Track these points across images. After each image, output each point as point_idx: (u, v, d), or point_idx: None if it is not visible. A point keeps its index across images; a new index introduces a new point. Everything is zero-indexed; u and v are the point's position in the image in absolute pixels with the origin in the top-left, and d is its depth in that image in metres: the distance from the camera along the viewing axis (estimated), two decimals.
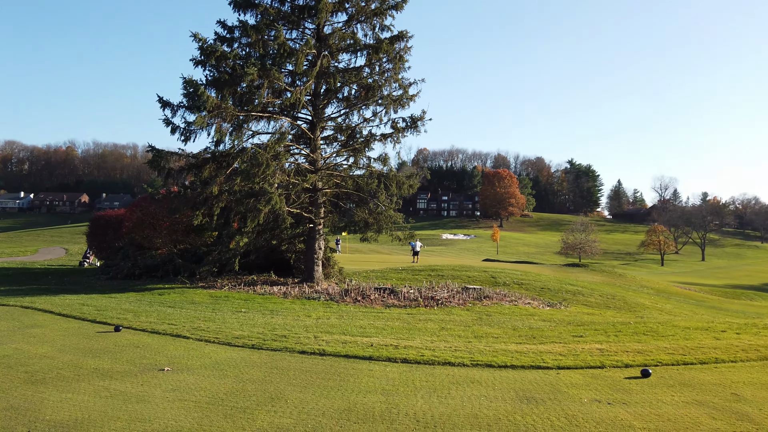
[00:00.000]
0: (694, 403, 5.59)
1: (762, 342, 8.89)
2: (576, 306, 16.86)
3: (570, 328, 10.18)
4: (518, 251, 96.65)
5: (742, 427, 4.87)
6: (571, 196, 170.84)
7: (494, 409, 5.22)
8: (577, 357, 7.44)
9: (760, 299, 45.99)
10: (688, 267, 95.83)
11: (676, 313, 19.64)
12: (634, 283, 35.22)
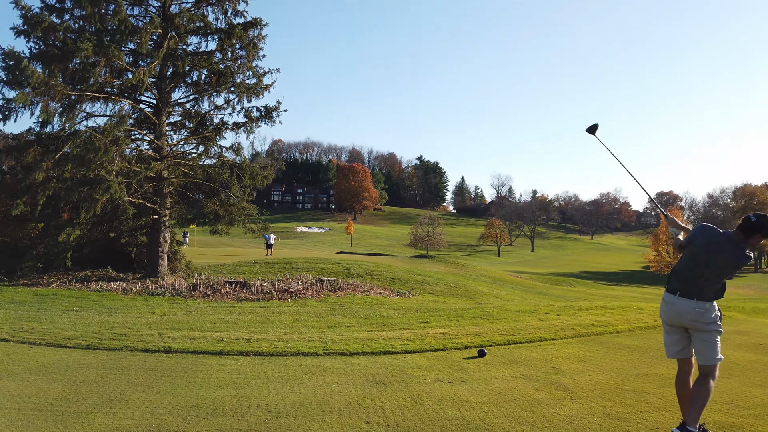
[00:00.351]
0: (521, 377, 6.27)
1: (577, 321, 10.20)
2: (423, 294, 17.89)
3: (417, 315, 10.80)
4: (371, 244, 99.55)
5: (558, 395, 5.56)
6: (420, 191, 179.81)
7: (345, 394, 5.39)
8: (423, 341, 7.93)
9: (577, 285, 52.31)
10: (520, 257, 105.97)
11: (509, 298, 21.69)
12: (474, 272, 38.16)
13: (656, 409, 5.16)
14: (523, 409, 5.06)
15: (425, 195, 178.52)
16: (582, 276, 71.78)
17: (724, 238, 4.27)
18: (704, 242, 4.33)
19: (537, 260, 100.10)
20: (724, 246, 4.25)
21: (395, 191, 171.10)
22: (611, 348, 8.07)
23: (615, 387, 5.91)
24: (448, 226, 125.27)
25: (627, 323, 10.09)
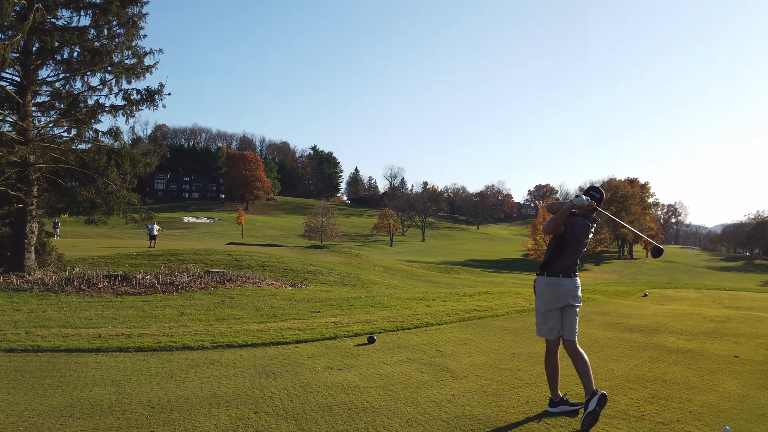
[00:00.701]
0: (407, 360, 6.54)
1: (461, 307, 10.77)
2: (316, 285, 17.90)
3: (309, 305, 10.82)
4: (264, 234, 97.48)
5: (442, 376, 5.88)
6: (314, 181, 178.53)
7: (233, 386, 5.32)
8: (314, 331, 7.99)
9: (465, 273, 54.80)
10: (412, 247, 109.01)
11: (400, 287, 22.30)
12: (367, 262, 38.71)
13: (528, 384, 5.63)
14: (409, 390, 5.30)
15: (319, 185, 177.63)
16: (469, 264, 75.44)
17: (588, 220, 4.87)
18: (578, 227, 4.81)
19: (428, 249, 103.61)
20: (588, 226, 4.87)
21: (289, 181, 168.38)
22: (491, 330, 8.64)
23: (492, 366, 6.36)
24: (342, 216, 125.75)
25: (505, 307, 10.82)
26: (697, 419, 4.62)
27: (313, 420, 4.43)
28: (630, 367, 6.45)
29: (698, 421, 4.58)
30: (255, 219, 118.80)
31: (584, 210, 4.88)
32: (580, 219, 4.85)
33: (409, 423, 4.40)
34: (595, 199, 4.91)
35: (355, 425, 4.33)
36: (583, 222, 4.84)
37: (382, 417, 4.53)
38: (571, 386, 5.47)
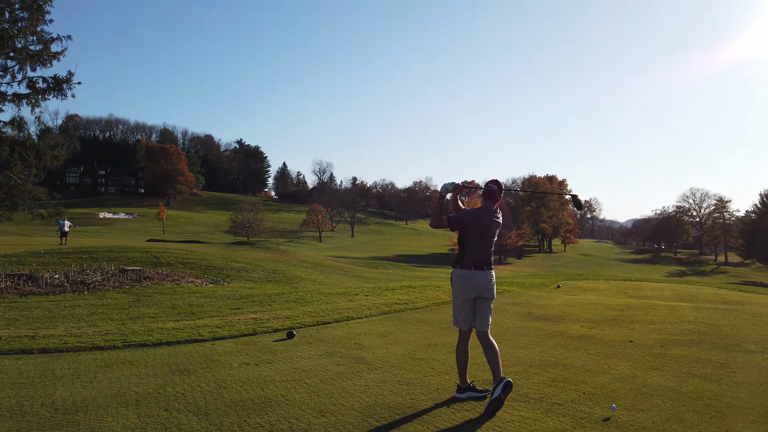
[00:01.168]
0: (325, 354, 6.64)
1: (383, 301, 10.98)
2: (240, 282, 17.61)
3: (229, 302, 10.68)
4: (187, 230, 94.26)
5: (358, 368, 6.02)
6: (240, 176, 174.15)
7: (144, 385, 5.22)
8: (233, 327, 7.92)
9: (393, 268, 55.49)
10: (341, 243, 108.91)
11: (326, 282, 22.33)
12: (294, 258, 38.42)
13: (439, 373, 5.88)
14: (324, 383, 5.40)
15: (246, 180, 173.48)
16: (397, 259, 76.52)
17: (491, 212, 5.05)
18: (484, 222, 5.00)
19: (357, 245, 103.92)
20: (493, 218, 5.03)
21: (213, 175, 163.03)
22: (409, 323, 8.89)
23: (408, 357, 6.58)
24: (270, 212, 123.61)
25: (426, 300, 11.15)
26: (590, 399, 5.01)
27: (225, 415, 4.44)
28: (535, 353, 6.87)
29: (590, 400, 4.97)
30: (177, 215, 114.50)
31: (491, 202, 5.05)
32: (483, 213, 5.03)
33: (321, 413, 4.51)
34: (493, 191, 5.06)
35: (268, 418, 4.38)
36: (487, 216, 5.02)
37: (295, 409, 4.61)
38: (480, 373, 5.76)
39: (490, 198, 5.09)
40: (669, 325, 8.98)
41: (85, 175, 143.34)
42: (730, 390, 5.38)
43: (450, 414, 4.57)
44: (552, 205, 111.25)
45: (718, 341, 7.80)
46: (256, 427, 4.19)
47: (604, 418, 4.51)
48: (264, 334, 7.70)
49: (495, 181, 5.14)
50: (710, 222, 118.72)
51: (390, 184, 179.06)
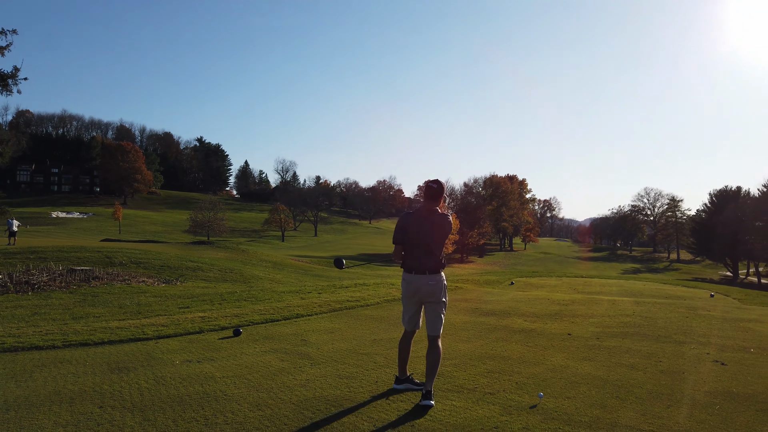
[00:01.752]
0: (270, 351, 6.70)
1: (335, 298, 11.07)
2: (194, 281, 17.42)
3: (179, 301, 10.59)
4: (144, 230, 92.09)
5: (301, 363, 6.11)
6: (201, 175, 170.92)
7: (81, 383, 5.18)
8: (179, 326, 7.89)
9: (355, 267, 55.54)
10: (304, 242, 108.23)
11: (284, 281, 22.26)
12: (254, 257, 38.08)
13: (380, 366, 6.02)
14: (265, 378, 5.47)
15: (206, 179, 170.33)
16: (360, 258, 76.49)
17: (426, 213, 4.87)
18: (415, 226, 4.86)
19: (320, 244, 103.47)
20: (428, 219, 4.85)
21: (173, 174, 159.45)
22: (358, 319, 9.01)
23: (352, 352, 6.69)
24: (231, 211, 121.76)
25: (377, 297, 11.29)
26: (520, 388, 5.23)
27: (161, 410, 4.47)
28: (477, 346, 7.09)
29: (521, 390, 5.19)
30: (135, 214, 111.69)
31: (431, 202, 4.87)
32: (411, 216, 4.93)
33: (258, 407, 4.58)
34: (432, 189, 4.87)
35: (204, 413, 4.43)
36: (415, 218, 4.89)
37: (232, 403, 4.66)
38: (421, 367, 5.91)
39: (429, 198, 4.92)
40: (608, 319, 9.36)
41: (36, 173, 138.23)
42: (653, 378, 5.68)
43: (385, 405, 4.71)
44: (512, 204, 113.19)
45: (651, 333, 8.19)
46: (190, 421, 4.24)
47: (531, 405, 4.72)
48: (210, 332, 7.70)
49: (435, 180, 4.92)
50: (663, 221, 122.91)
51: (354, 183, 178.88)
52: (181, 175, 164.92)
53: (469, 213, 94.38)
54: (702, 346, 7.30)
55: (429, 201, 4.91)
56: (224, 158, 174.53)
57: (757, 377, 5.75)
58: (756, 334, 8.34)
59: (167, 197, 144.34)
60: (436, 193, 4.89)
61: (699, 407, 4.73)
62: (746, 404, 4.83)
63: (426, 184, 4.96)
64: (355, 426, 4.17)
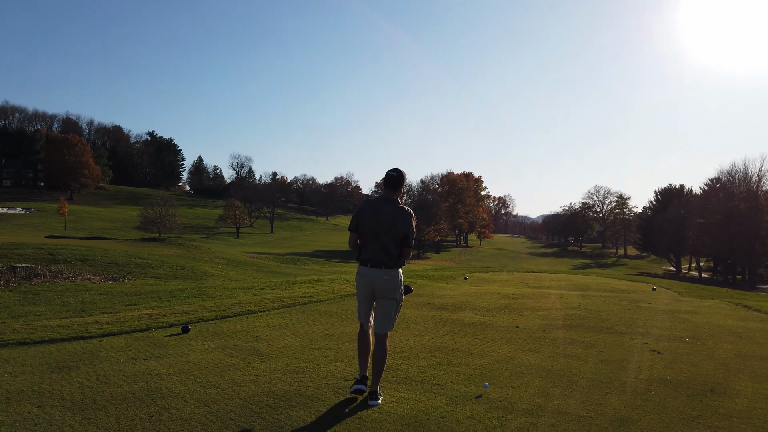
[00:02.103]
0: (220, 347, 6.61)
1: (288, 294, 11.01)
2: (143, 278, 16.97)
3: (126, 299, 10.32)
4: (92, 227, 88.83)
5: (250, 359, 6.06)
6: (152, 170, 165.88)
7: (18, 383, 4.99)
8: (124, 323, 7.69)
9: (311, 263, 55.26)
10: (260, 238, 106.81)
11: (237, 278, 21.93)
12: (207, 254, 37.38)
13: (331, 361, 6.04)
14: (213, 374, 5.40)
15: (158, 174, 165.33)
16: (317, 255, 76.06)
17: (382, 202, 4.63)
18: (369, 214, 4.61)
19: (276, 241, 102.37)
20: (384, 208, 4.59)
21: (122, 169, 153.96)
22: (311, 315, 9.00)
23: (303, 347, 6.68)
24: (184, 207, 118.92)
25: (331, 293, 11.29)
26: (467, 379, 5.35)
27: (102, 409, 4.35)
28: (427, 339, 7.20)
29: (468, 380, 5.31)
30: (82, 210, 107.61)
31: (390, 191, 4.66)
32: (366, 205, 4.71)
33: (204, 403, 4.52)
34: (391, 178, 4.64)
35: (148, 410, 4.35)
36: (369, 207, 4.66)
37: (178, 400, 4.59)
38: None
39: (388, 187, 4.69)
40: (554, 312, 9.67)
41: None
42: (594, 367, 5.92)
43: (334, 398, 4.73)
44: (468, 201, 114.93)
45: (595, 325, 8.51)
46: (134, 419, 4.15)
47: (477, 395, 4.84)
48: (158, 330, 7.54)
49: (395, 168, 4.66)
50: (612, 218, 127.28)
51: (311, 180, 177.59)
52: (132, 169, 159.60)
53: (426, 210, 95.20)
54: (641, 337, 7.64)
55: (388, 190, 4.69)
56: (177, 153, 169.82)
57: (690, 365, 6.07)
58: (691, 325, 8.78)
59: (116, 192, 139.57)
60: (395, 181, 4.64)
61: (635, 394, 4.96)
62: (679, 390, 5.09)
63: (386, 174, 4.67)
64: (303, 419, 4.18)
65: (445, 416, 4.29)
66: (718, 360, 6.34)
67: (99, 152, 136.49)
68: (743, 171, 73.88)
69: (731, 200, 73.22)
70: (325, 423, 4.12)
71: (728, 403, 4.75)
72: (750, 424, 4.21)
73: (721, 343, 7.37)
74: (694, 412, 4.48)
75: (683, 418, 4.33)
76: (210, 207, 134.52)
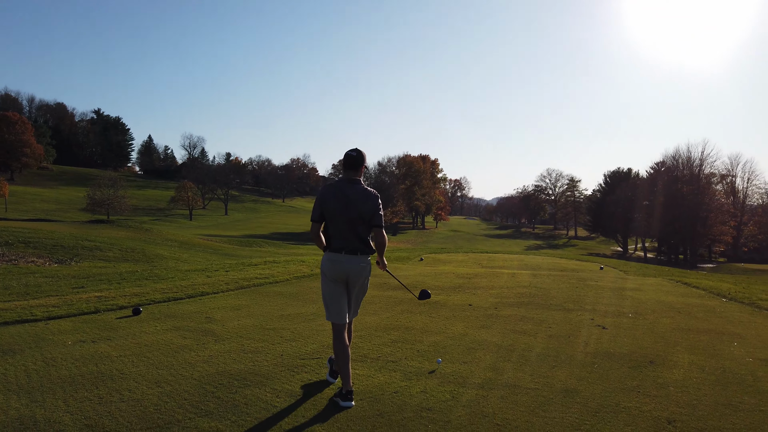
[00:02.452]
0: (172, 329, 6.52)
1: (242, 276, 10.90)
2: (91, 261, 16.45)
3: (73, 281, 10.00)
4: (35, 208, 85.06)
5: (204, 340, 6.00)
6: (99, 150, 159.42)
7: None
8: (72, 306, 7.47)
9: (267, 246, 54.70)
10: (214, 221, 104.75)
11: (190, 261, 21.51)
12: (159, 237, 36.49)
13: (287, 340, 6.05)
14: (165, 355, 5.33)
15: (105, 154, 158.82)
16: (273, 237, 75.26)
17: (345, 184, 4.32)
18: (334, 198, 4.29)
19: (231, 223, 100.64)
20: (348, 191, 4.29)
21: (67, 148, 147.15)
22: (266, 296, 8.96)
23: (258, 327, 6.66)
24: (134, 188, 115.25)
25: (287, 274, 11.25)
26: (421, 356, 5.47)
27: (50, 392, 4.25)
28: (383, 319, 7.29)
29: (421, 357, 5.43)
30: (23, 191, 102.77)
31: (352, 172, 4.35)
32: (333, 189, 4.35)
33: (157, 384, 4.47)
34: (351, 158, 4.33)
35: (98, 392, 4.27)
36: (338, 192, 4.31)
37: (129, 382, 4.52)
38: (326, 338, 5.99)
39: (349, 168, 4.39)
40: (506, 290, 9.93)
41: None
42: (542, 342, 6.14)
43: (289, 377, 4.75)
44: (425, 183, 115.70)
45: (544, 302, 8.79)
46: (83, 401, 4.07)
47: (431, 371, 4.96)
48: (108, 312, 7.37)
49: (355, 149, 4.37)
50: (563, 200, 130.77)
51: (266, 161, 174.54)
52: (77, 149, 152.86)
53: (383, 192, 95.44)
54: (588, 313, 7.95)
55: (349, 171, 4.38)
56: (125, 132, 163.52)
57: (632, 338, 6.37)
58: (634, 301, 9.19)
59: (61, 173, 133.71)
60: (355, 161, 4.34)
61: (580, 366, 5.18)
62: (620, 362, 5.35)
63: (345, 154, 4.38)
64: (258, 398, 4.19)
65: (399, 391, 4.38)
66: (658, 334, 6.68)
67: (41, 130, 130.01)
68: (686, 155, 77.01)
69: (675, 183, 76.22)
70: (281, 401, 4.14)
71: (666, 373, 5.02)
72: (685, 392, 4.47)
73: (662, 318, 7.75)
74: (634, 383, 4.72)
75: (624, 388, 4.56)
76: (161, 188, 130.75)
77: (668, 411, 4.04)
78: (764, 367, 5.26)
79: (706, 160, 75.77)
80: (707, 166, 76.42)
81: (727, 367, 5.26)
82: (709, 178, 77.51)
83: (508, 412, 3.97)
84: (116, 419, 3.73)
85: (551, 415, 3.92)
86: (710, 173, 77.63)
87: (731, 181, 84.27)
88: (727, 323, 7.47)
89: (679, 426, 3.77)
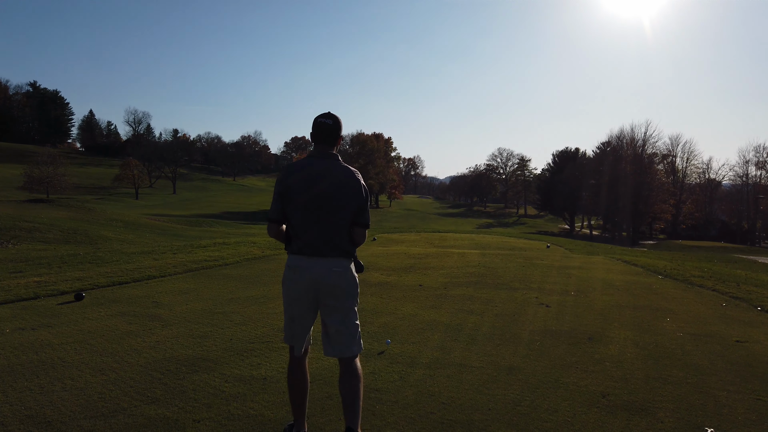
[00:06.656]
0: (117, 314, 6.36)
1: (191, 258, 10.71)
2: (30, 243, 15.77)
3: (10, 266, 9.58)
4: None
5: (151, 325, 5.89)
6: (36, 125, 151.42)
7: None
8: (9, 292, 7.18)
9: (218, 225, 53.69)
10: (161, 200, 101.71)
11: (136, 242, 20.91)
12: (102, 217, 35.25)
13: (236, 324, 6.01)
14: (110, 342, 5.22)
15: (43, 129, 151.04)
16: (224, 216, 73.86)
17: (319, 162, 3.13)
18: (303, 183, 3.08)
19: (179, 202, 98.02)
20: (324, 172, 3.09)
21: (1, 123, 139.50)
22: (216, 279, 8.84)
23: (207, 311, 6.59)
24: (75, 166, 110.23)
25: (237, 256, 11.12)
26: (371, 337, 5.55)
27: None
28: None
29: (372, 338, 5.51)
30: None
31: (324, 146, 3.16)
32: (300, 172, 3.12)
33: (101, 372, 4.38)
34: (325, 127, 3.13)
35: (39, 381, 4.15)
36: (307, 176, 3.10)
37: (72, 370, 4.41)
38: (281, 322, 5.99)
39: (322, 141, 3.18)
40: (456, 270, 10.15)
41: None
42: (488, 321, 6.34)
43: (239, 361, 4.74)
44: (379, 162, 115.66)
45: (492, 281, 9.04)
46: (23, 391, 3.95)
47: (380, 351, 5.05)
48: (48, 298, 7.11)
49: (328, 113, 3.20)
50: (514, 179, 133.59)
51: (216, 138, 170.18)
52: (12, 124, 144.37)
53: None
54: (532, 292, 8.24)
55: (322, 146, 3.18)
56: (64, 107, 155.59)
57: (573, 316, 6.66)
58: (577, 279, 9.57)
59: None
60: (331, 131, 3.17)
61: (523, 344, 5.39)
62: (561, 339, 5.59)
63: (315, 122, 3.17)
64: (207, 383, 4.18)
65: None
66: (597, 311, 7.00)
67: None
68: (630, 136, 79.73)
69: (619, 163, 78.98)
70: (230, 386, 4.14)
71: (603, 349, 5.29)
72: (620, 367, 4.73)
73: (602, 295, 8.11)
74: (573, 359, 4.95)
75: (564, 364, 4.78)
76: (105, 166, 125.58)
77: (603, 385, 4.27)
78: (693, 341, 5.61)
79: (648, 140, 78.68)
80: (650, 146, 79.43)
81: (659, 341, 5.58)
82: (652, 158, 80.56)
83: (453, 390, 4.10)
84: (58, 409, 3.64)
85: (494, 392, 4.08)
86: (653, 153, 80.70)
87: (671, 161, 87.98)
88: (661, 299, 7.89)
89: (612, 399, 3.99)
